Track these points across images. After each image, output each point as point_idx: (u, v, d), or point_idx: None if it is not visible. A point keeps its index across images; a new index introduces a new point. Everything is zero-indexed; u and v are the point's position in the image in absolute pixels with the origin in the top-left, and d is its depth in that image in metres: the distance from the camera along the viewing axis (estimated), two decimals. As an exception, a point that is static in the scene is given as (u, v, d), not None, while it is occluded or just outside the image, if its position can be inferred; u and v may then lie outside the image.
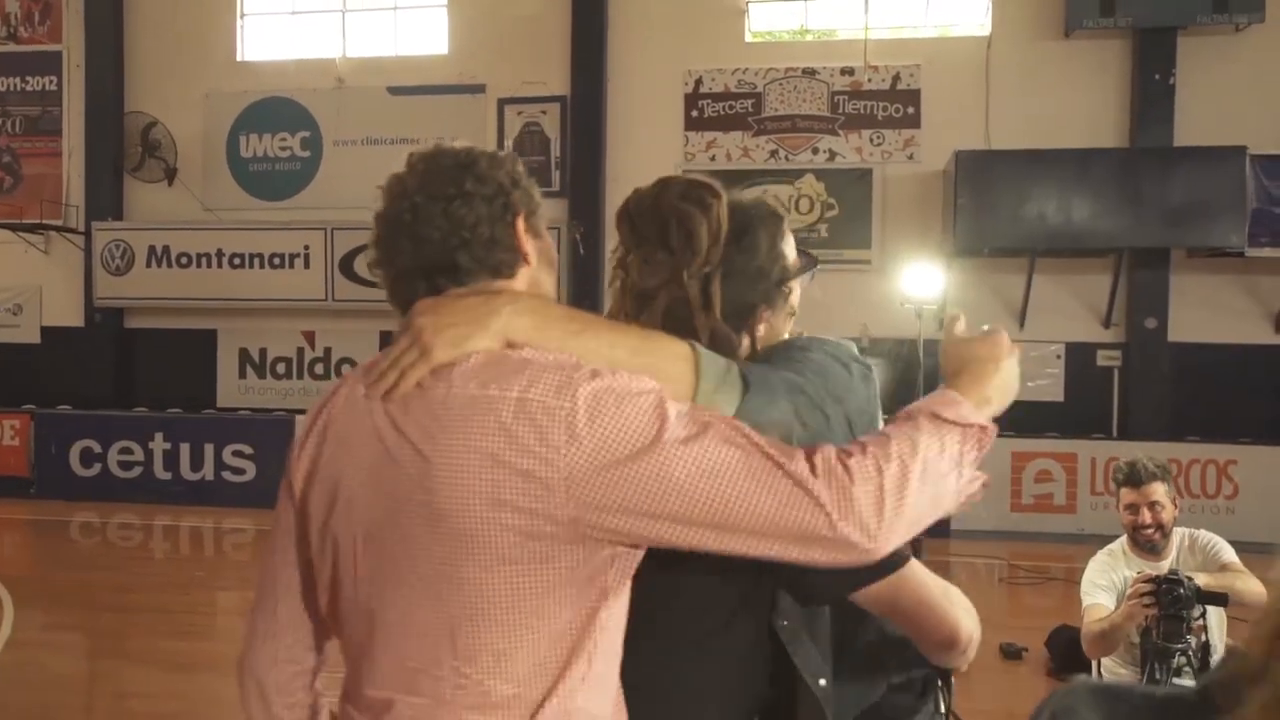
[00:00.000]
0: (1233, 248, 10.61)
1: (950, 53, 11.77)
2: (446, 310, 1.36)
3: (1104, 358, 11.52)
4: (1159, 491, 3.85)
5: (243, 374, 13.21)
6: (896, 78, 11.85)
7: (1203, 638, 3.53)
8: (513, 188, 1.44)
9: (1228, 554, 3.88)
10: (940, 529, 9.61)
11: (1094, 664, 4.03)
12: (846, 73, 11.93)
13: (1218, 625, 3.73)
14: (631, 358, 1.33)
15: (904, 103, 11.85)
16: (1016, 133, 11.28)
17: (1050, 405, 11.52)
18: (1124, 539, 4.01)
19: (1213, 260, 11.13)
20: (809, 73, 12.02)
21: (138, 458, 11.89)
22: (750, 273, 1.53)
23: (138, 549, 10.03)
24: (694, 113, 12.20)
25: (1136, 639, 3.67)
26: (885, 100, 11.89)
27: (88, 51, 13.22)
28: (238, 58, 13.19)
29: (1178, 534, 3.94)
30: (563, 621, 1.30)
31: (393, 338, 1.40)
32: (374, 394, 1.36)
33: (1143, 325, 11.28)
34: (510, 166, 1.47)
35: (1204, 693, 1.13)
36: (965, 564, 9.27)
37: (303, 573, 1.52)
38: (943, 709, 1.73)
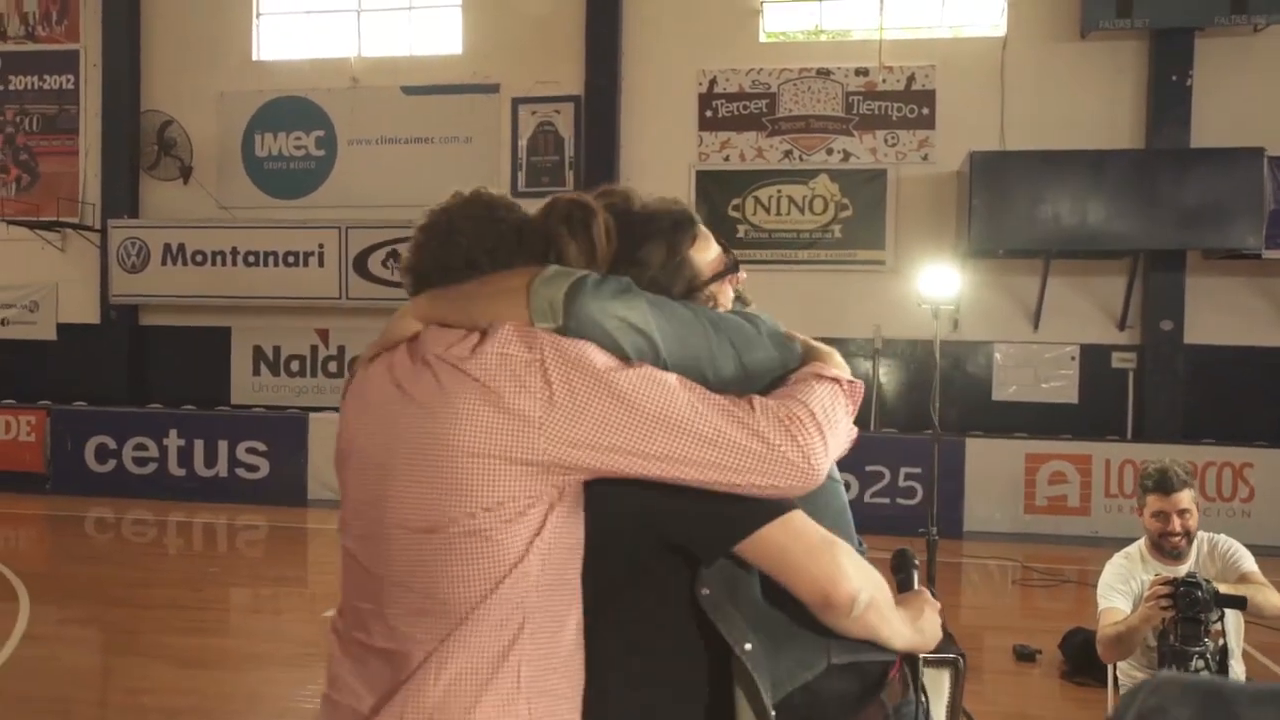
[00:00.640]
0: (1250, 249, 10.54)
1: (965, 53, 11.73)
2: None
3: (1119, 360, 11.47)
4: (1188, 499, 3.81)
5: (256, 371, 13.26)
6: (911, 78, 11.82)
7: (1220, 641, 3.50)
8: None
9: (1248, 563, 3.83)
10: (953, 529, 9.59)
11: (1109, 668, 4.01)
12: (861, 73, 11.91)
13: (1235, 629, 3.69)
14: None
15: (918, 103, 11.82)
16: (1031, 133, 11.24)
17: (1064, 407, 11.48)
18: (1142, 542, 3.95)
19: (1229, 262, 11.07)
20: (823, 73, 12.00)
21: (152, 454, 11.95)
22: (644, 285, 1.56)
23: (152, 545, 10.08)
24: (708, 113, 12.19)
25: (1154, 642, 3.64)
26: (900, 101, 11.86)
27: (105, 50, 13.29)
28: (253, 57, 13.24)
29: (1197, 538, 3.89)
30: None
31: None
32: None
33: (1158, 327, 11.22)
34: None
35: None
36: (978, 565, 9.24)
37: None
38: (919, 703, 1.69)
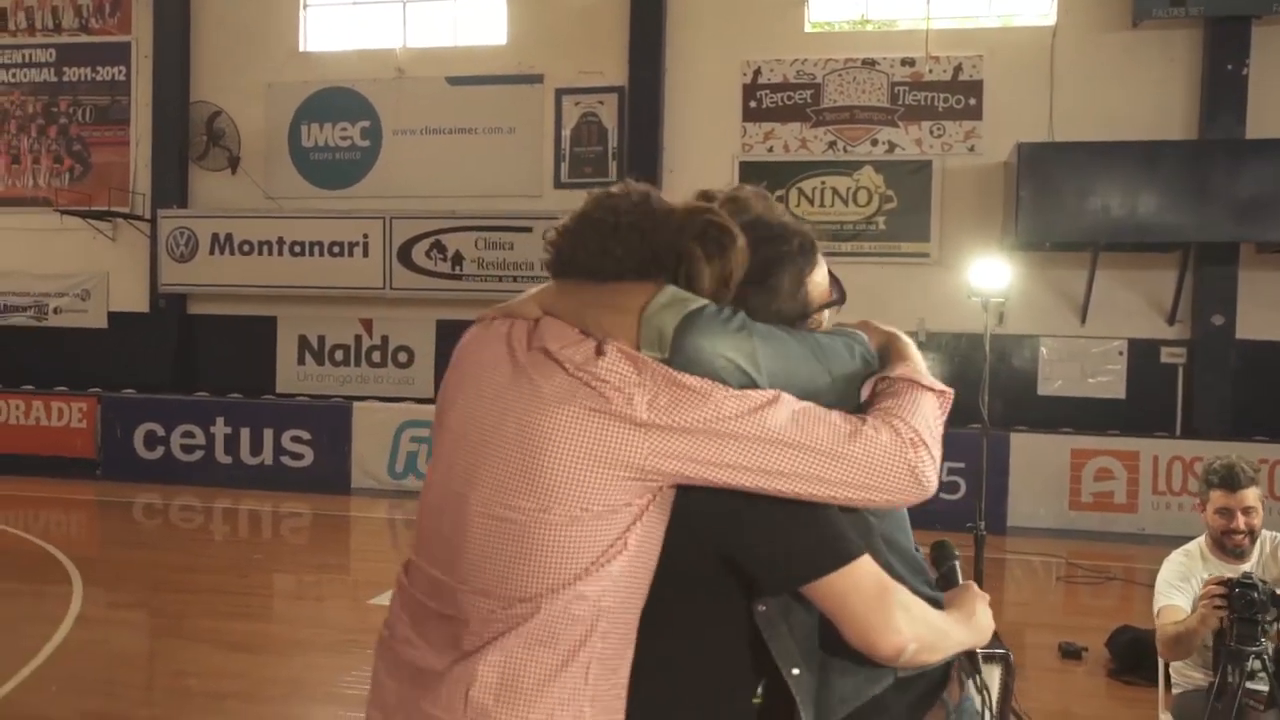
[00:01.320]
0: (1305, 243, 10.34)
1: (1014, 43, 11.57)
2: None
3: (1168, 355, 11.28)
4: (1253, 496, 3.70)
5: (301, 360, 13.40)
6: (958, 69, 11.68)
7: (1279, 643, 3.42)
8: None
9: None
10: (997, 525, 9.49)
11: (1160, 666, 3.94)
12: (907, 63, 11.79)
13: (1297, 630, 3.60)
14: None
15: (965, 94, 11.68)
16: (1081, 124, 11.06)
17: (1111, 402, 11.32)
18: (1203, 539, 3.86)
19: (1284, 256, 10.86)
20: (869, 63, 11.90)
21: (199, 441, 12.12)
22: (767, 314, 1.54)
23: (198, 531, 10.23)
24: (752, 103, 12.13)
25: (1210, 641, 3.57)
26: (946, 91, 11.73)
27: (155, 42, 13.47)
28: (300, 48, 13.36)
29: (1260, 537, 3.79)
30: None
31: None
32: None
33: (1209, 322, 11.02)
34: None
35: None
36: (1022, 561, 9.14)
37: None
38: (984, 699, 1.68)
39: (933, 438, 1.49)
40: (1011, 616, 7.27)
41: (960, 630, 1.60)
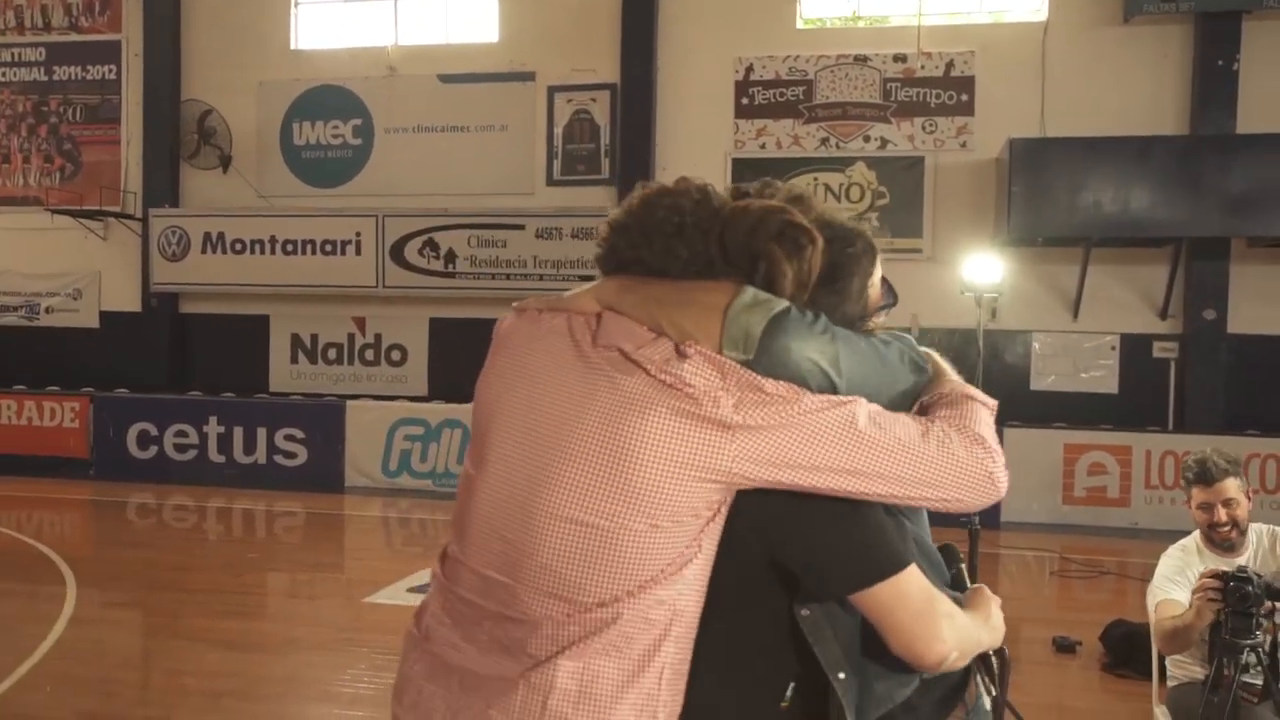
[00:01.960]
0: (1297, 237, 10.38)
1: (1005, 39, 11.58)
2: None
3: (1160, 349, 11.31)
4: (1232, 488, 3.70)
5: (294, 359, 13.38)
6: (950, 65, 11.69)
7: (1275, 635, 3.43)
8: None
9: None
10: (990, 520, 9.51)
11: (1154, 660, 3.95)
12: (899, 59, 11.80)
13: (1293, 622, 3.61)
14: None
15: (957, 90, 11.69)
16: (1073, 120, 11.09)
17: (1104, 397, 11.35)
18: (1197, 534, 3.87)
19: (1275, 250, 10.88)
20: (861, 60, 11.90)
21: (192, 441, 12.10)
22: (835, 317, 1.53)
23: (192, 530, 10.21)
24: (744, 100, 12.13)
25: (1205, 634, 3.58)
26: (938, 87, 11.74)
27: (146, 41, 13.43)
28: (291, 46, 13.33)
29: (1255, 530, 3.78)
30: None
31: None
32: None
33: (1201, 316, 11.05)
34: None
35: None
36: (1016, 556, 9.17)
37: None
38: (1002, 697, 1.70)
39: (996, 443, 1.53)
40: (1005, 611, 7.24)
41: (982, 632, 1.62)
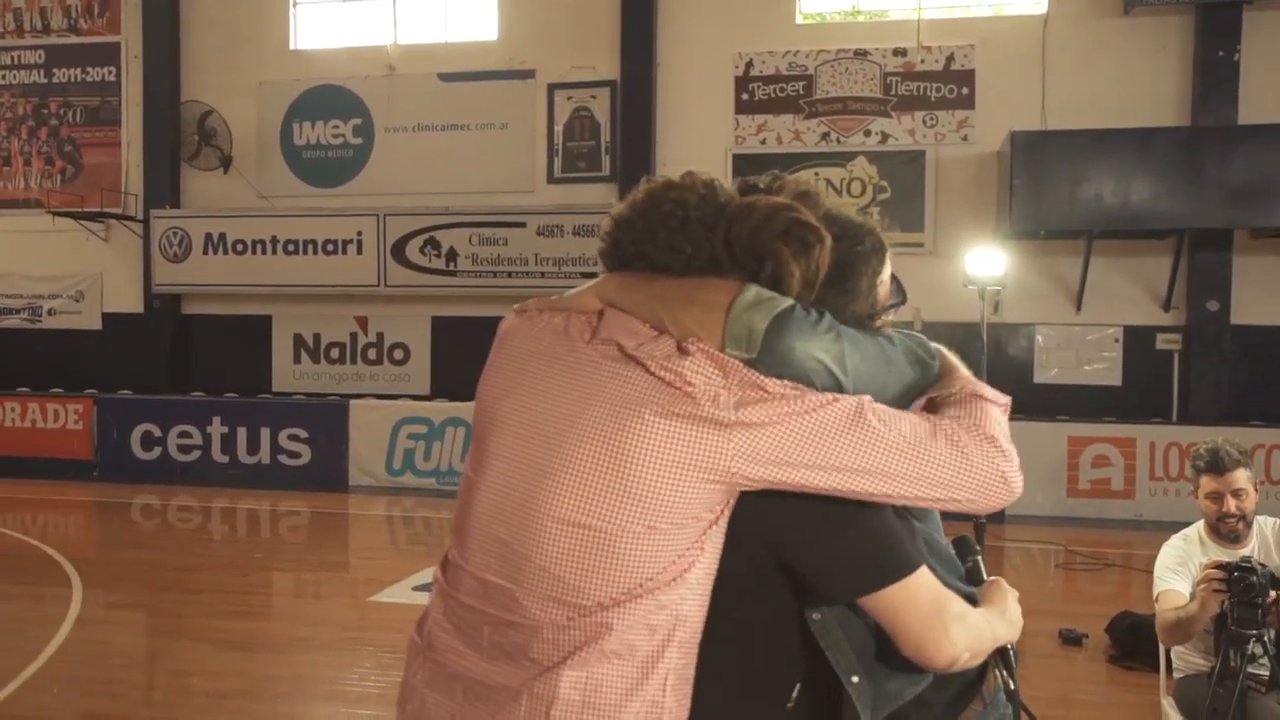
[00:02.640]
0: (1299, 228, 10.36)
1: (1005, 32, 11.57)
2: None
3: (1163, 341, 11.30)
4: (1243, 479, 3.67)
5: (297, 359, 13.39)
6: (950, 58, 11.67)
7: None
8: None
9: None
10: (995, 514, 9.48)
11: (1161, 651, 3.94)
12: (899, 54, 11.78)
13: (1300, 612, 3.59)
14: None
15: (958, 83, 11.68)
16: (1074, 112, 11.07)
17: (1108, 389, 11.35)
18: (1201, 524, 3.84)
19: (1277, 241, 10.87)
20: (861, 54, 11.89)
21: (196, 441, 12.11)
22: (843, 316, 1.50)
23: (197, 530, 10.21)
24: (744, 96, 12.12)
25: (1210, 626, 3.57)
26: (939, 81, 11.73)
27: (145, 42, 13.43)
28: (291, 46, 13.33)
29: (1259, 522, 3.76)
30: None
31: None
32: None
33: (1204, 308, 11.04)
34: None
35: None
36: (1021, 549, 9.16)
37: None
38: (1001, 692, 1.69)
39: (1008, 443, 1.47)
40: (1011, 604, 7.27)
41: (998, 627, 1.60)
